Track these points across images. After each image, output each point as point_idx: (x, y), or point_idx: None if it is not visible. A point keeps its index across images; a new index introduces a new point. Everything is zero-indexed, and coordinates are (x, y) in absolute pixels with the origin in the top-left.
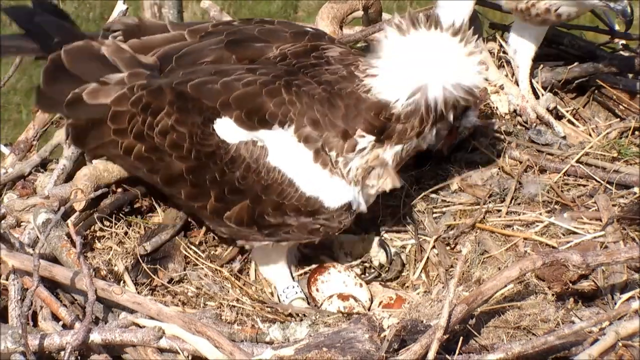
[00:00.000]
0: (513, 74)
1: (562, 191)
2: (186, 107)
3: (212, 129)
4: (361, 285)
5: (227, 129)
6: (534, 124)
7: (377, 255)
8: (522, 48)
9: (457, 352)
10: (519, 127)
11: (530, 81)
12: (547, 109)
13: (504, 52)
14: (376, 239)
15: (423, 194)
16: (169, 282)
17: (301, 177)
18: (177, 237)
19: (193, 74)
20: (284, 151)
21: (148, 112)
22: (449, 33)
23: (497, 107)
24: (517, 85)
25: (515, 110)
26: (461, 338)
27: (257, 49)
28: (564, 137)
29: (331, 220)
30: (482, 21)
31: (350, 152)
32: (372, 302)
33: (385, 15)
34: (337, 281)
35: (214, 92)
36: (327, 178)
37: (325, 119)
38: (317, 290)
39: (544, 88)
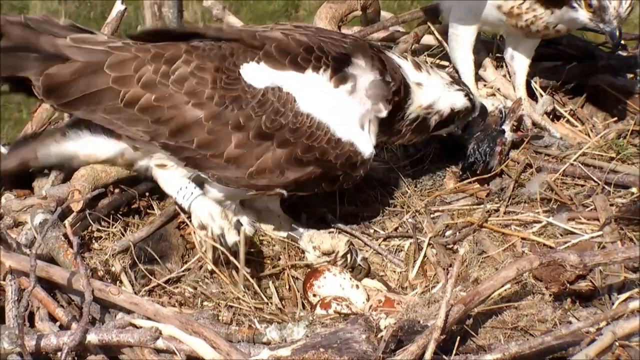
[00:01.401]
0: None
1: (560, 190)
2: (207, 54)
3: (237, 73)
4: (357, 286)
5: (254, 73)
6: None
7: (343, 254)
8: (518, 54)
9: (454, 352)
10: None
11: (527, 86)
12: (545, 112)
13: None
14: (344, 239)
15: (421, 194)
16: (166, 283)
17: (334, 121)
18: (174, 236)
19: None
20: (317, 95)
21: (161, 60)
22: None
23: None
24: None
25: None
26: (458, 338)
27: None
28: (561, 139)
29: (355, 168)
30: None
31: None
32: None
33: (384, 14)
34: (334, 284)
35: (237, 37)
36: (358, 126)
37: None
38: (315, 295)
39: (543, 88)
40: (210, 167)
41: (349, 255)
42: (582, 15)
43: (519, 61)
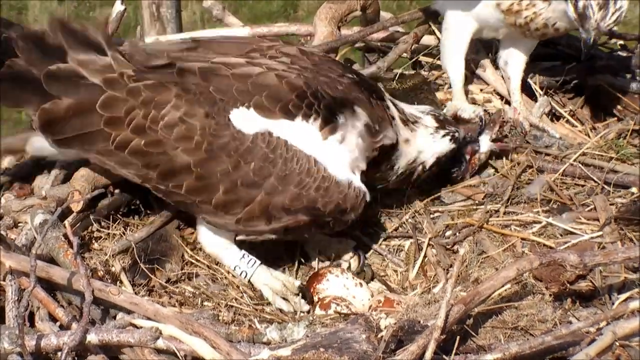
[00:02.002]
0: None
1: (560, 190)
2: (196, 100)
3: (227, 119)
4: (361, 285)
5: (243, 119)
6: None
7: (349, 260)
8: (512, 60)
9: (454, 352)
10: (514, 130)
11: (525, 86)
12: (543, 113)
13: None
14: (351, 243)
15: (421, 194)
16: (166, 282)
17: (323, 169)
18: (174, 237)
19: (184, 60)
20: (306, 142)
21: (151, 105)
22: None
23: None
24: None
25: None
26: (458, 338)
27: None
28: (561, 139)
29: (345, 214)
30: None
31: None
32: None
33: (384, 14)
34: (337, 285)
35: (225, 82)
36: (349, 172)
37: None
38: (320, 298)
39: (542, 88)
40: (200, 212)
41: (355, 258)
42: (570, 11)
43: (513, 66)
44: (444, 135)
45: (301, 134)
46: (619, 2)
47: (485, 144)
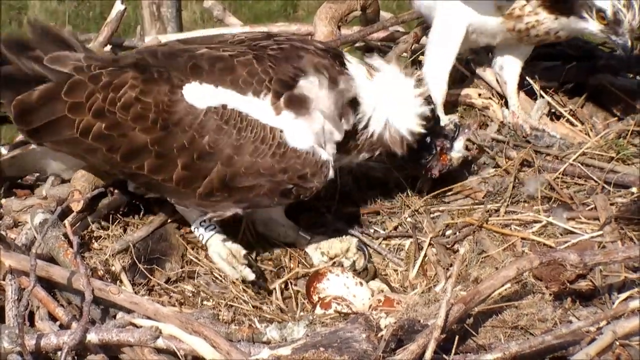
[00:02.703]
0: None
1: (561, 189)
2: (152, 78)
3: (180, 95)
4: (361, 284)
5: (195, 94)
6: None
7: (353, 257)
8: (508, 64)
9: (454, 351)
10: (514, 134)
11: (526, 86)
12: (542, 115)
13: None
14: (354, 240)
15: (421, 194)
16: (166, 282)
17: (275, 135)
18: (174, 236)
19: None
20: (259, 115)
21: (110, 88)
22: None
23: (494, 113)
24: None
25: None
26: (458, 338)
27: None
28: (562, 139)
29: (304, 180)
30: None
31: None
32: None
33: (384, 14)
34: (338, 285)
35: (181, 61)
36: (302, 139)
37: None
38: (320, 297)
39: (542, 88)
40: (166, 191)
41: (360, 255)
42: (593, 26)
43: (509, 71)
44: (418, 95)
45: (254, 107)
46: None
47: (458, 148)
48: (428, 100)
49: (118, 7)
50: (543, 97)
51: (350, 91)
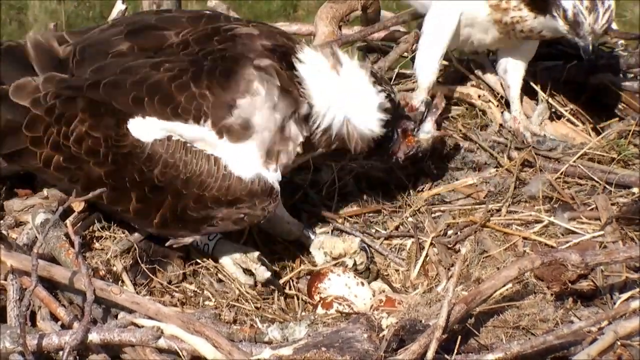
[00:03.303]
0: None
1: (562, 188)
2: (99, 112)
3: (125, 129)
4: (363, 284)
5: (141, 127)
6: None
7: (356, 257)
8: (511, 68)
9: (455, 351)
10: (515, 139)
11: (521, 98)
12: (543, 120)
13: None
14: (357, 240)
15: (422, 194)
16: (167, 282)
17: (220, 167)
18: None
19: (100, 72)
20: (201, 143)
21: (62, 122)
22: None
23: (493, 115)
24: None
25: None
26: (460, 338)
27: (156, 36)
28: (564, 142)
29: (254, 208)
30: None
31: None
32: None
33: (384, 14)
34: (339, 284)
35: (123, 92)
36: (247, 165)
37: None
38: (322, 297)
39: (542, 88)
40: (128, 220)
41: (362, 254)
42: (561, 25)
43: (512, 75)
44: (380, 91)
45: (197, 135)
46: (606, 1)
47: (428, 129)
48: (385, 89)
49: (119, 6)
50: (544, 102)
51: (300, 96)
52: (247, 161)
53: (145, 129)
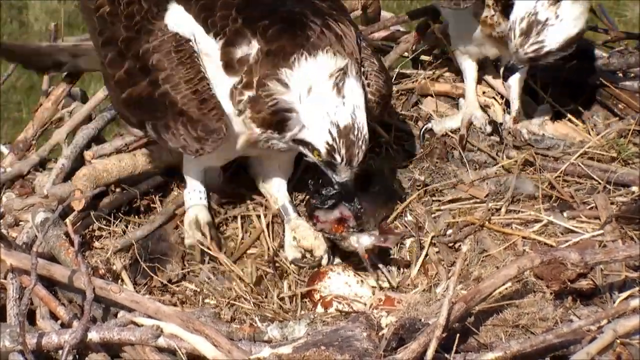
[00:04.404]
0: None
1: (562, 187)
2: None
3: (164, 12)
4: (362, 282)
5: (174, 18)
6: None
7: (318, 256)
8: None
9: (455, 350)
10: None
11: (522, 100)
12: (545, 121)
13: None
14: (324, 247)
15: (422, 193)
16: (167, 281)
17: (204, 86)
18: (173, 236)
19: None
20: (206, 58)
21: None
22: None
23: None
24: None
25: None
26: (459, 336)
27: None
28: (564, 141)
29: (199, 140)
30: None
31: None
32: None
33: (384, 14)
34: (339, 283)
35: None
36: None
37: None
38: (321, 296)
39: (543, 87)
40: (108, 88)
41: (325, 258)
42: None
43: (514, 75)
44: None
45: (209, 47)
46: (542, 35)
47: (363, 242)
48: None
49: None
50: (546, 102)
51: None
52: (225, 94)
53: (177, 21)
